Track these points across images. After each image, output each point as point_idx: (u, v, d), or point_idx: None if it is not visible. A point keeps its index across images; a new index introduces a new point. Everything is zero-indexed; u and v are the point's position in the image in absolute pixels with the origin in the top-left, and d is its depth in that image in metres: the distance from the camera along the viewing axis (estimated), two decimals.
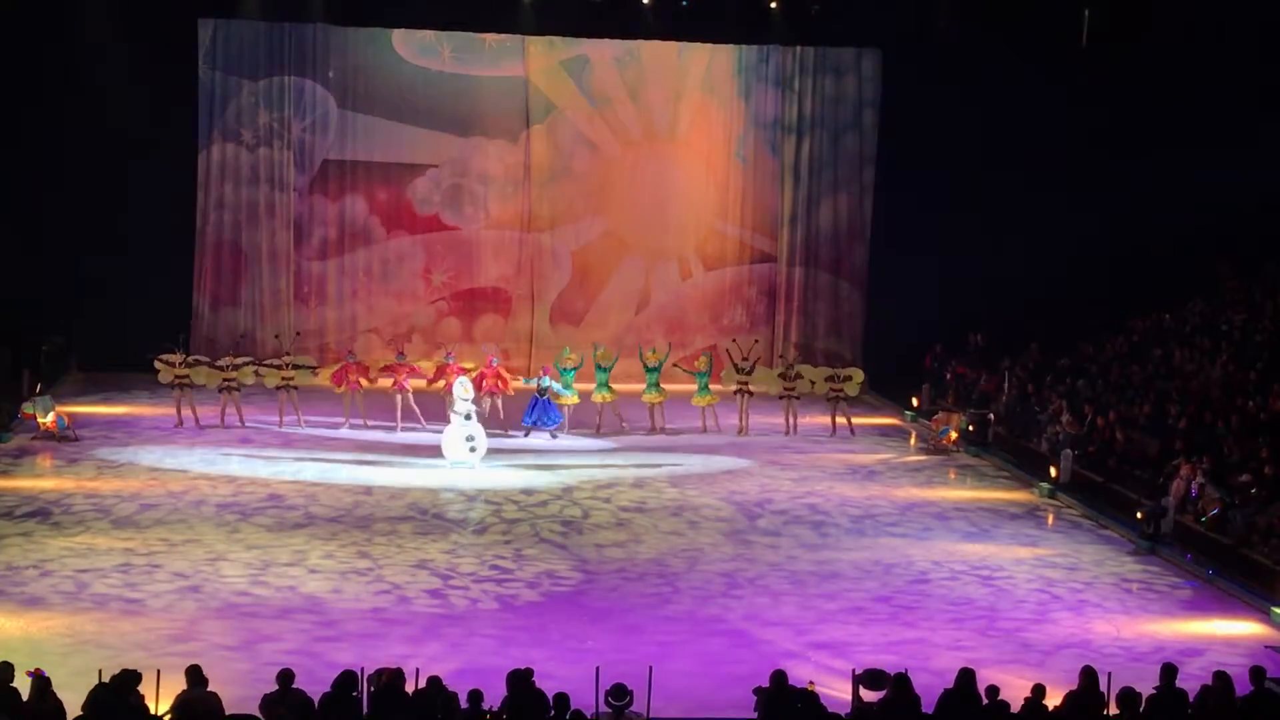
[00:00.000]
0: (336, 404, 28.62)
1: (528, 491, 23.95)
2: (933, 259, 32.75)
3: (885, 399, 32.70)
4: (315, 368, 29.44)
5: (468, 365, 28.73)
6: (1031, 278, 31.98)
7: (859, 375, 30.08)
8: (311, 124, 33.75)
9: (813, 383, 29.69)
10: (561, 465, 26.04)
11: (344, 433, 27.83)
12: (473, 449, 25.20)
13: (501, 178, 34.48)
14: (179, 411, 27.55)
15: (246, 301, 33.74)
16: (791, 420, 29.10)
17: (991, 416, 29.29)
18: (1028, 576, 20.22)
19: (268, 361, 28.95)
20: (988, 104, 32.21)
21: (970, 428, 28.75)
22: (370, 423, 28.19)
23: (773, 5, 32.38)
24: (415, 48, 33.83)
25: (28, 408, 26.72)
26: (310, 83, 33.62)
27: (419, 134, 34.08)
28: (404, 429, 27.92)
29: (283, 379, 28.18)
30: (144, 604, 17.66)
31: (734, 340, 30.90)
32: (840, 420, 29.27)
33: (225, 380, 27.65)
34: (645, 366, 29.00)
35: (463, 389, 25.56)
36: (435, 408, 27.81)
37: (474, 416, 25.45)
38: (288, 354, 28.95)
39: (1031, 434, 27.99)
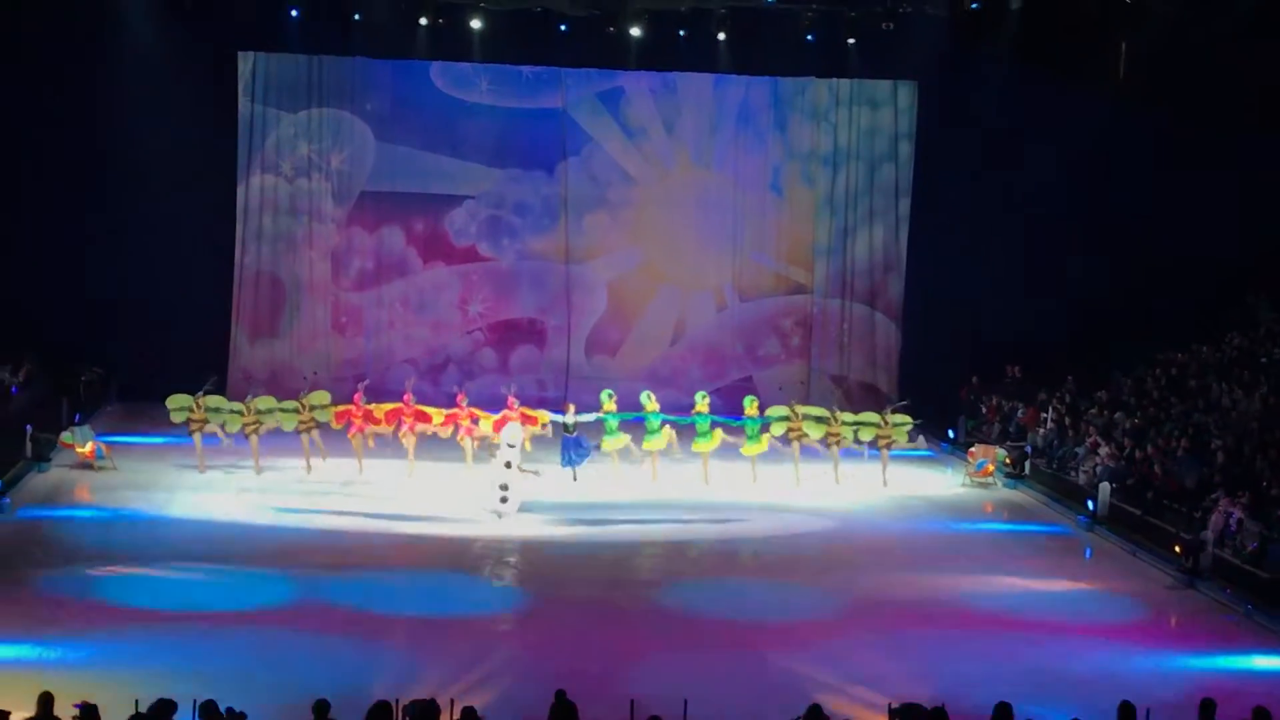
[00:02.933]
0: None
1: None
2: (968, 291, 32.72)
3: (922, 431, 32.60)
4: (331, 406, 27.25)
5: (480, 412, 27.08)
6: (1068, 309, 31.92)
7: (908, 422, 28.17)
8: (350, 156, 33.94)
9: (858, 429, 27.74)
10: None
11: (371, 479, 26.46)
12: (504, 498, 23.70)
13: (538, 209, 34.59)
14: (200, 457, 26.46)
15: (284, 332, 33.92)
16: (836, 468, 27.47)
17: (1029, 449, 29.18)
18: (1065, 610, 20.10)
19: (285, 405, 26.97)
20: (1023, 134, 32.19)
21: (1007, 460, 28.64)
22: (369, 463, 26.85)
23: (808, 37, 32.39)
24: (452, 80, 34.00)
25: (66, 437, 26.89)
26: (348, 115, 33.83)
27: (456, 165, 34.23)
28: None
29: (300, 423, 26.74)
30: (181, 632, 17.72)
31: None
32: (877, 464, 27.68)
33: (246, 424, 26.42)
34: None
35: (511, 434, 24.29)
36: (445, 450, 27.26)
37: (514, 465, 23.87)
38: (305, 395, 27.27)
39: (1069, 467, 27.86)
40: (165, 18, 29.57)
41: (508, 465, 23.78)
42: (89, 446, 26.41)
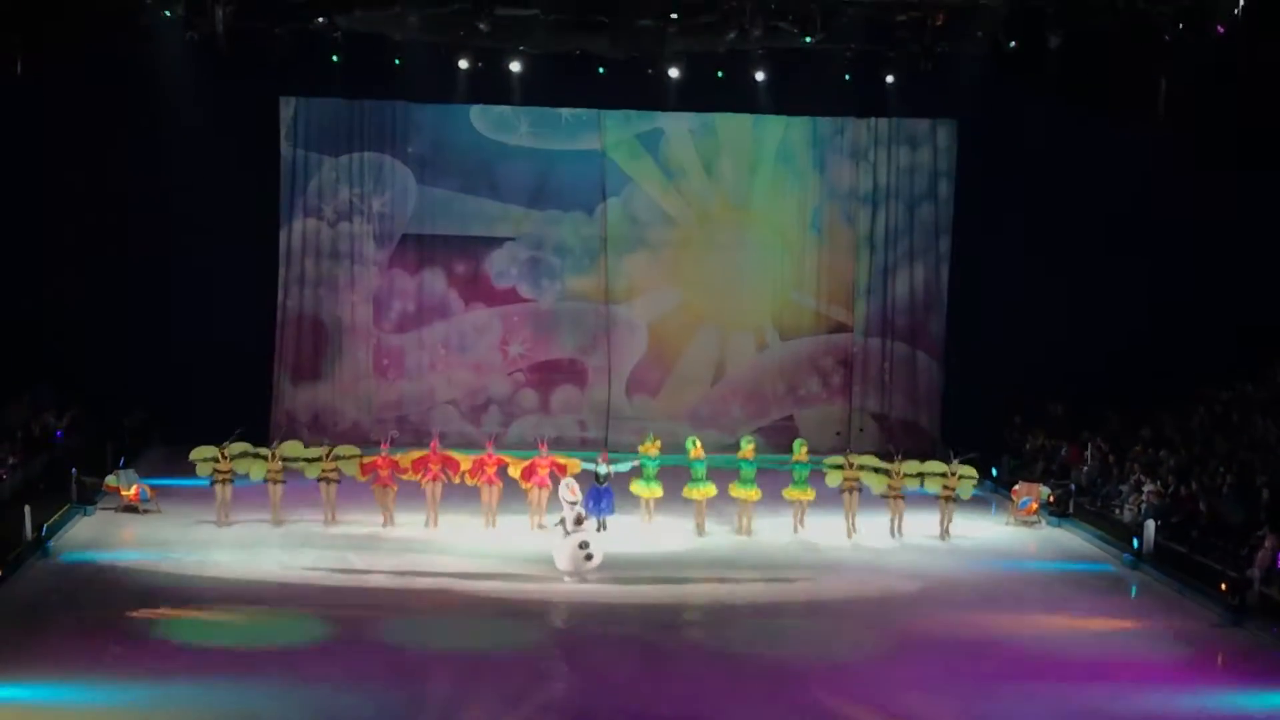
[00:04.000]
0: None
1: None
2: (1010, 328, 32.61)
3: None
4: (360, 457, 26.15)
5: (509, 459, 26.10)
6: (1110, 347, 31.78)
7: (974, 474, 26.61)
8: (391, 199, 34.15)
9: (922, 479, 26.34)
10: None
11: (401, 532, 25.52)
12: (589, 556, 22.15)
13: (578, 250, 34.69)
14: (220, 509, 25.59)
15: (327, 375, 34.08)
16: (898, 521, 26.05)
17: (1073, 487, 29.01)
18: (1111, 649, 19.97)
19: (309, 454, 25.99)
20: (1064, 173, 32.16)
21: (1051, 499, 28.47)
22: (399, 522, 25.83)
23: (847, 77, 32.43)
24: (492, 123, 34.18)
25: (111, 480, 27.04)
26: (389, 158, 34.06)
27: (496, 208, 34.38)
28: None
29: (324, 471, 25.78)
30: (225, 674, 17.77)
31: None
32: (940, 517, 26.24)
33: (270, 471, 25.59)
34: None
35: (568, 491, 22.75)
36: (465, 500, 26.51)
37: (585, 521, 22.67)
38: (329, 444, 26.61)
39: (1113, 505, 27.69)
40: (207, 64, 29.80)
41: (578, 522, 22.38)
42: (133, 490, 26.56)
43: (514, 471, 25.92)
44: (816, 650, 19.60)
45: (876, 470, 26.14)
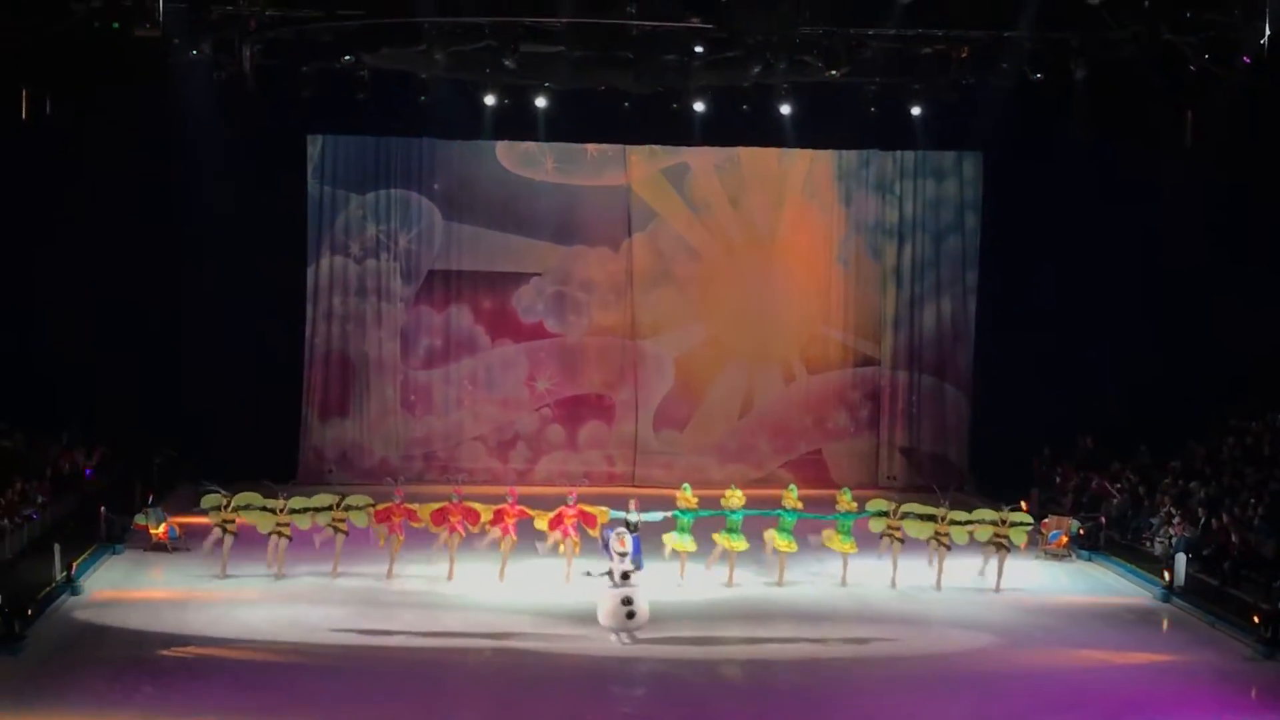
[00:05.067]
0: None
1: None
2: (1039, 361, 32.54)
3: (994, 503, 32.25)
4: (373, 506, 24.72)
5: (532, 511, 24.55)
6: (1140, 379, 31.68)
7: (1028, 522, 25.45)
8: (417, 235, 34.29)
9: (971, 528, 25.18)
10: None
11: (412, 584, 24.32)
12: (631, 613, 20.59)
13: (604, 285, 34.75)
14: (224, 560, 24.54)
15: (354, 412, 34.15)
16: (939, 570, 24.90)
17: (1103, 520, 28.87)
18: (1143, 682, 19.83)
19: (318, 503, 24.76)
20: (1090, 203, 32.14)
21: (1081, 532, 28.31)
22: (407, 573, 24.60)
23: (872, 110, 32.44)
24: (518, 159, 34.31)
25: (140, 519, 27.07)
26: (416, 195, 34.21)
27: (522, 243, 34.48)
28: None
29: (334, 520, 24.66)
30: (255, 715, 17.75)
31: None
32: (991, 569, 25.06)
33: (279, 525, 24.35)
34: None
35: (618, 542, 21.07)
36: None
37: (633, 577, 20.85)
38: (340, 495, 25.24)
39: (1144, 537, 27.55)
40: (234, 103, 29.97)
41: (625, 577, 20.73)
42: (162, 528, 26.59)
43: (539, 523, 24.49)
44: (848, 682, 19.50)
45: (925, 518, 24.96)
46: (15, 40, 26.76)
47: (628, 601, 20.59)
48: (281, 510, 24.42)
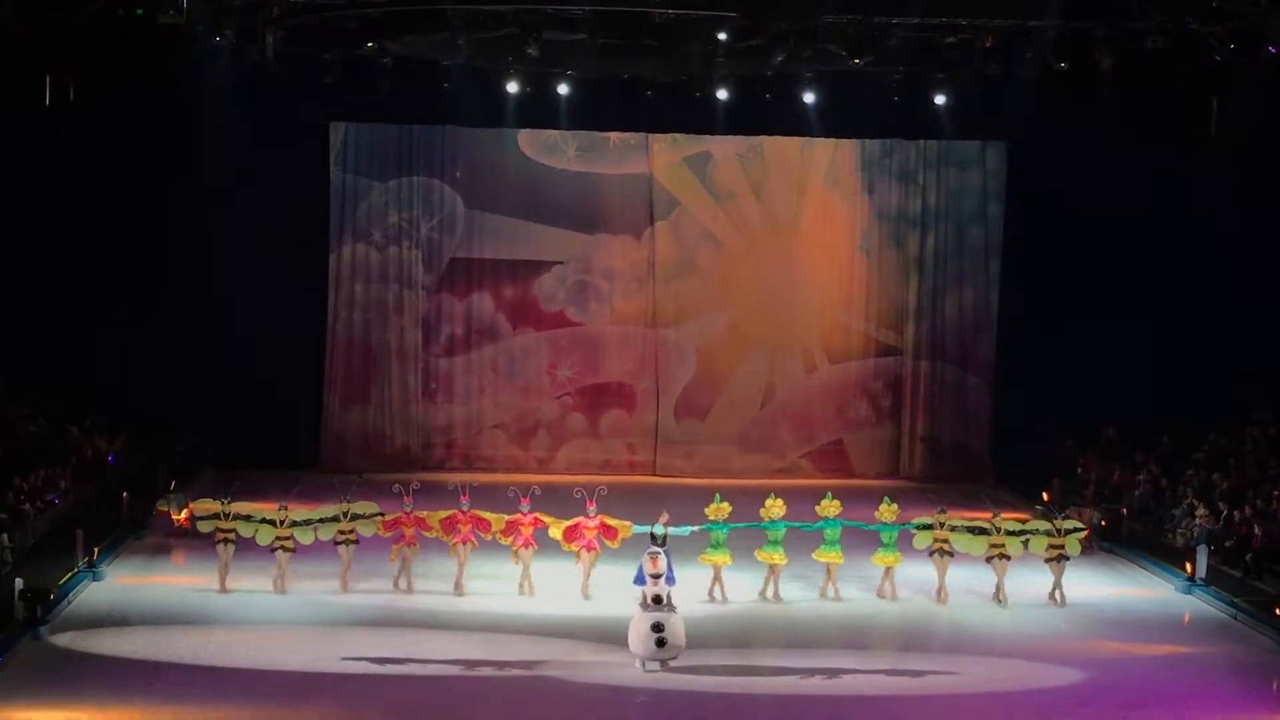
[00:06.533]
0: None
1: None
2: (1061, 351, 32.45)
3: (1015, 494, 32.23)
4: (381, 515, 23.22)
5: (547, 519, 23.03)
6: (1162, 369, 31.57)
7: (1081, 528, 23.97)
8: (439, 223, 34.29)
9: (1026, 540, 23.41)
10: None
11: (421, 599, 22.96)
12: (661, 640, 18.97)
13: (626, 273, 34.73)
14: (223, 574, 23.04)
15: (376, 399, 34.19)
16: (1000, 588, 23.44)
17: (1125, 511, 28.79)
18: (1164, 675, 19.78)
19: (323, 514, 23.14)
20: (1114, 193, 32.02)
21: (1103, 523, 28.23)
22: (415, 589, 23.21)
23: (895, 99, 32.36)
24: (541, 147, 34.29)
25: (162, 505, 27.20)
26: (438, 183, 34.21)
27: (544, 231, 34.47)
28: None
29: (340, 532, 23.01)
30: (279, 697, 17.82)
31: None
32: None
33: (279, 538, 22.77)
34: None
35: (650, 564, 19.48)
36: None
37: (666, 599, 19.23)
38: (346, 502, 23.25)
39: (1166, 529, 27.47)
40: (257, 90, 30.02)
41: (657, 601, 19.19)
42: (184, 514, 26.67)
43: (555, 533, 22.97)
44: (871, 683, 19.40)
45: (976, 530, 23.35)
46: (39, 27, 26.84)
47: (658, 628, 18.98)
48: (283, 523, 22.84)
